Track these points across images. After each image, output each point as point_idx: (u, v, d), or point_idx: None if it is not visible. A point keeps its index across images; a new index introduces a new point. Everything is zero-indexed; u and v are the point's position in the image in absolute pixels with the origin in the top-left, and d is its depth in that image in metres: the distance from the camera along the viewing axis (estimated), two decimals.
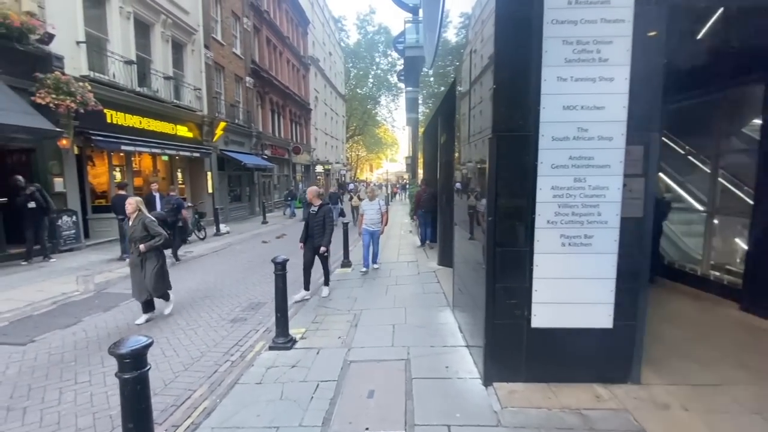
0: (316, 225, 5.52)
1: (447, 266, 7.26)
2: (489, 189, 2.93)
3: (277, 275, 3.92)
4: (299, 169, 28.56)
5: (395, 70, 45.90)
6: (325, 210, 5.55)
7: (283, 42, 24.31)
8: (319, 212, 5.53)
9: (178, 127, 13.02)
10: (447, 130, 7.27)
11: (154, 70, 11.92)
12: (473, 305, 3.66)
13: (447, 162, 7.28)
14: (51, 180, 8.46)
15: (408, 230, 13.59)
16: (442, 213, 7.61)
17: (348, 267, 7.77)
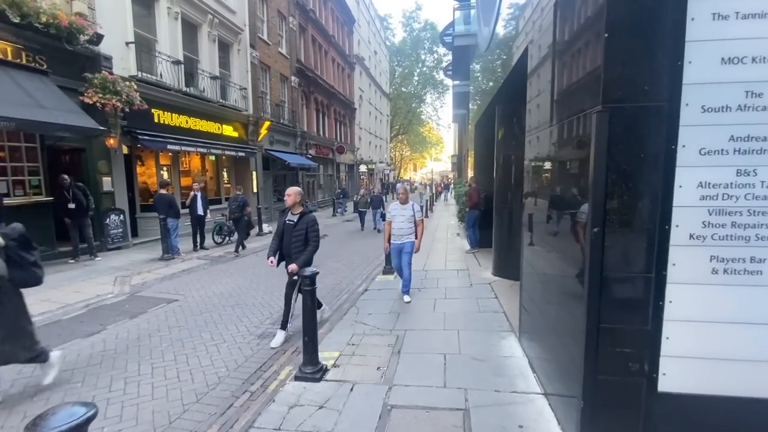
0: (296, 240, 4.04)
1: (505, 277, 6.28)
2: (594, 187, 2.02)
3: (304, 291, 3.25)
4: (343, 169, 28.40)
5: (441, 66, 44.72)
6: (309, 220, 4.09)
7: (329, 41, 24.17)
8: (300, 223, 4.06)
9: (224, 126, 13.04)
10: (507, 121, 6.29)
11: (200, 69, 11.97)
12: (556, 340, 2.75)
13: (506, 157, 6.30)
14: (99, 179, 8.57)
15: (455, 233, 12.60)
16: (499, 215, 6.62)
17: (390, 274, 7.02)
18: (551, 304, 2.90)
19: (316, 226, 4.14)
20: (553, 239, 2.80)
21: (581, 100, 2.26)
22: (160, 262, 7.96)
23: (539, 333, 3.29)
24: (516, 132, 6.08)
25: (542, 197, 3.14)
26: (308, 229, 4.07)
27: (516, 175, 6.18)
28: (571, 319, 2.42)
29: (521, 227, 6.26)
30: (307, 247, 4.06)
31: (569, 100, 2.50)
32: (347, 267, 8.00)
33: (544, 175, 3.14)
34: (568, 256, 2.46)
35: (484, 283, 6.17)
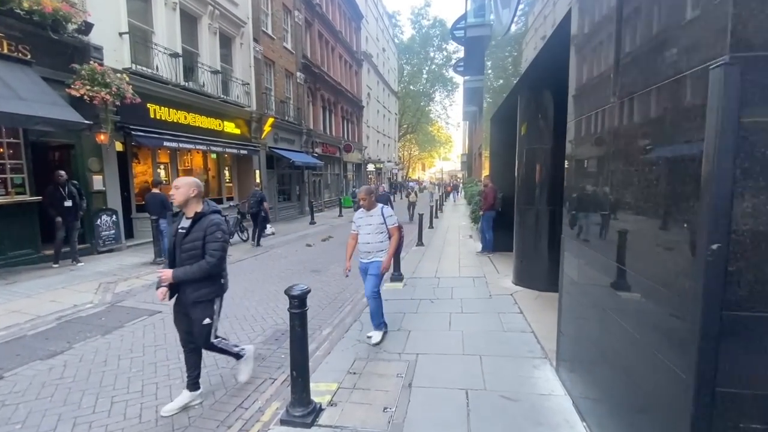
0: (189, 257, 2.69)
1: (528, 287, 5.58)
2: (712, 181, 1.33)
3: (292, 314, 2.60)
4: (350, 168, 27.81)
5: (450, 64, 43.93)
6: (207, 225, 2.70)
7: (336, 37, 23.58)
8: (195, 230, 2.70)
9: (226, 123, 12.51)
10: (532, 111, 5.59)
11: (200, 63, 11.45)
12: (618, 379, 2.06)
13: (531, 152, 5.60)
14: (90, 177, 8.06)
15: (467, 234, 11.89)
16: (522, 217, 5.91)
17: (399, 281, 6.37)
18: (613, 335, 2.21)
19: (220, 234, 2.72)
20: (623, 253, 2.11)
21: (681, 56, 1.56)
22: (153, 267, 7.40)
23: (587, 364, 2.60)
24: (543, 123, 5.38)
25: (601, 195, 2.44)
26: (206, 238, 2.67)
27: (544, 171, 5.47)
28: (651, 364, 1.73)
29: (550, 230, 5.58)
30: (206, 265, 2.65)
31: (654, 60, 1.80)
32: (351, 273, 7.34)
33: (607, 166, 2.45)
34: (655, 278, 1.76)
35: (505, 294, 5.46)
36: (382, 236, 4.02)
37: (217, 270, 2.78)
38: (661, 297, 1.68)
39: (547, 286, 5.47)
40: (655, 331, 1.77)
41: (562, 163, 5.42)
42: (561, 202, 5.45)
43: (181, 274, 2.66)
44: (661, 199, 1.69)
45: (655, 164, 1.75)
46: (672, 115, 1.61)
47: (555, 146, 5.35)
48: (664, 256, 1.67)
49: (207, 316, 2.82)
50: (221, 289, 2.92)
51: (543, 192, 5.50)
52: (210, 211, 2.82)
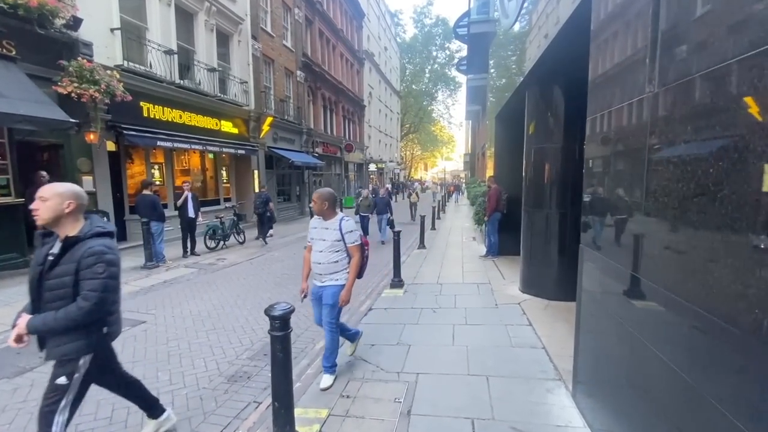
0: (54, 297, 1.93)
1: (536, 295, 5.23)
2: None
3: (273, 338, 2.29)
4: (352, 168, 27.50)
5: (453, 63, 43.54)
6: (87, 253, 1.91)
7: (337, 35, 23.28)
8: (65, 260, 1.93)
9: (223, 122, 12.22)
10: (542, 106, 5.24)
11: (197, 61, 11.16)
12: (655, 417, 1.72)
13: (540, 151, 5.25)
14: (79, 178, 7.77)
15: (471, 236, 11.55)
16: (530, 219, 5.56)
17: (399, 288, 6.04)
18: (642, 360, 1.87)
19: (102, 267, 1.91)
20: (661, 270, 1.76)
21: (755, 27, 1.22)
22: (142, 271, 7.12)
23: (610, 389, 2.26)
24: (553, 120, 5.03)
25: (631, 200, 2.10)
26: (81, 273, 1.90)
27: (554, 171, 5.12)
28: (689, 399, 1.39)
29: (560, 235, 5.22)
30: (79, 310, 1.88)
31: (714, 36, 1.45)
32: None
33: (639, 166, 2.11)
34: (706, 304, 1.42)
35: (513, 303, 5.12)
36: (338, 255, 3.12)
37: (94, 318, 1.94)
38: (713, 326, 1.35)
39: (557, 294, 5.13)
40: (696, 362, 1.44)
41: (574, 163, 5.11)
42: (572, 205, 5.12)
43: (39, 323, 1.88)
44: (720, 206, 1.35)
45: (713, 164, 1.40)
46: (737, 103, 1.27)
47: (566, 145, 5.00)
48: (720, 278, 1.33)
49: (64, 375, 1.97)
50: (98, 343, 2.05)
51: (553, 194, 5.15)
52: (90, 235, 1.95)
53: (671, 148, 1.70)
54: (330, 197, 3.15)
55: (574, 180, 5.02)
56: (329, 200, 3.13)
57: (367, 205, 10.64)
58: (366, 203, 10.70)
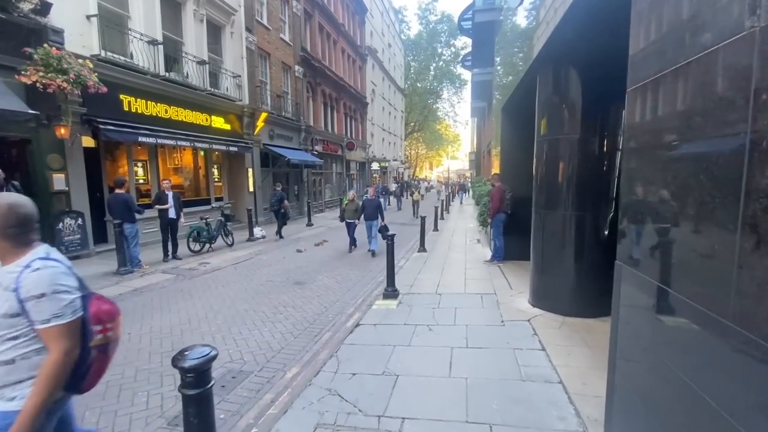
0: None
1: (549, 310, 4.52)
2: None
3: (186, 399, 1.61)
4: (354, 167, 26.84)
5: (458, 61, 42.69)
6: None
7: (338, 30, 22.61)
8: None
9: (214, 117, 11.61)
10: (554, 94, 4.53)
11: (185, 53, 10.55)
12: None
13: (554, 143, 4.53)
14: (49, 176, 7.20)
15: (475, 238, 10.84)
16: (541, 222, 4.84)
17: (393, 298, 5.36)
18: (707, 418, 1.18)
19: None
20: (738, 300, 1.06)
21: None
22: (114, 278, 6.51)
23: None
24: (568, 107, 4.31)
25: (700, 204, 1.40)
26: None
27: (570, 167, 4.40)
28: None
29: (577, 240, 4.50)
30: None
31: None
32: (341, 284, 6.37)
33: (743, 142, 1.40)
34: None
35: (521, 320, 4.41)
36: (16, 348, 1.42)
37: None
38: None
39: (573, 309, 4.42)
40: None
41: (594, 157, 4.38)
42: (593, 206, 4.40)
43: None
44: None
45: None
46: None
47: (584, 136, 4.29)
48: None
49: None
50: None
51: (569, 193, 4.43)
52: None
53: None
54: (11, 215, 1.43)
55: (593, 177, 4.31)
56: (10, 223, 1.43)
57: (353, 209, 9.05)
58: (352, 207, 9.08)
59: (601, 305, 4.44)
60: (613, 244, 4.43)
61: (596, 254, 4.38)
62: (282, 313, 5.06)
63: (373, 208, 8.87)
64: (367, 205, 8.90)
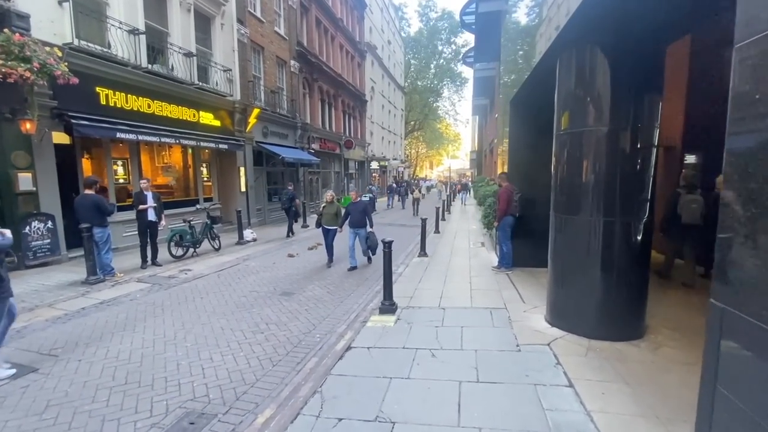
0: None
1: (573, 331, 3.88)
2: None
3: None
4: (353, 166, 26.18)
5: (459, 59, 42.04)
6: None
7: (336, 24, 21.95)
8: None
9: (202, 113, 10.96)
10: (578, 80, 3.89)
11: (170, 44, 9.90)
12: None
13: (577, 137, 3.90)
14: (14, 175, 6.56)
15: (479, 241, 10.20)
16: (562, 229, 4.20)
17: (390, 313, 4.74)
18: None
19: None
20: None
21: None
22: (81, 288, 5.88)
23: None
24: (598, 92, 3.68)
25: None
26: None
27: (600, 163, 3.76)
28: None
29: (605, 251, 3.85)
30: None
31: None
32: (333, 295, 5.73)
33: None
34: None
35: (540, 345, 3.77)
36: None
37: None
38: None
39: (600, 330, 3.79)
40: None
41: (627, 153, 3.72)
42: (623, 211, 3.76)
43: None
44: None
45: None
46: None
47: (614, 129, 3.65)
48: None
49: None
50: None
51: (595, 195, 3.79)
52: None
53: None
54: None
55: (625, 176, 3.67)
56: None
57: (332, 213, 7.47)
58: (331, 211, 7.49)
59: (632, 326, 3.81)
60: (646, 255, 3.80)
61: (627, 266, 3.75)
62: (263, 331, 4.42)
63: (358, 213, 7.22)
64: (352, 210, 7.27)
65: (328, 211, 7.60)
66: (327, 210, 7.63)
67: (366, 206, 7.37)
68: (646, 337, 3.84)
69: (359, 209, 7.27)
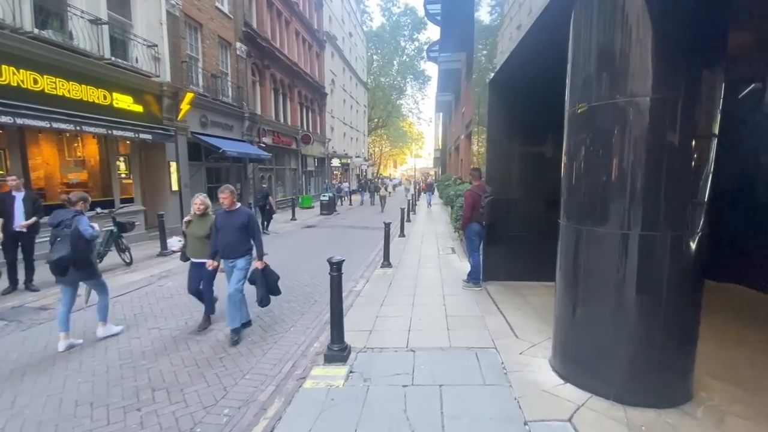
0: None
1: (597, 393, 2.67)
2: None
3: None
4: (312, 163, 24.43)
5: (422, 56, 41.31)
6: None
7: (291, 9, 20.14)
8: None
9: (117, 95, 8.96)
10: (615, 24, 2.67)
11: (70, 6, 7.87)
12: None
13: (604, 111, 2.68)
14: None
15: (449, 247, 9.06)
16: (574, 242, 3.00)
17: (340, 362, 3.38)
18: None
19: None
20: None
21: None
22: None
23: None
24: (644, 44, 2.47)
25: None
26: None
27: (651, 148, 2.58)
28: None
29: (652, 279, 2.40)
30: None
31: None
32: (264, 333, 4.25)
33: None
34: None
35: (558, 422, 2.53)
36: None
37: None
38: None
39: (640, 392, 2.64)
40: None
41: (677, 136, 2.41)
42: (670, 222, 2.44)
43: None
44: None
45: None
46: None
47: (662, 100, 2.49)
48: None
49: None
50: None
51: (632, 198, 2.62)
52: None
53: None
54: None
55: (674, 172, 2.53)
56: None
57: (203, 235, 4.21)
58: (199, 232, 4.22)
59: (680, 384, 2.68)
60: (700, 283, 2.66)
61: (677, 299, 2.62)
62: (142, 407, 2.88)
63: (234, 232, 3.99)
64: (222, 226, 4.03)
65: (195, 232, 4.23)
66: (193, 231, 4.25)
67: (247, 219, 4.02)
68: (697, 397, 2.74)
69: (235, 225, 3.98)
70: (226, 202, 4.04)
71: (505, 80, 5.30)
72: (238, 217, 4.04)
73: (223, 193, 4.03)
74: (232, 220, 4.02)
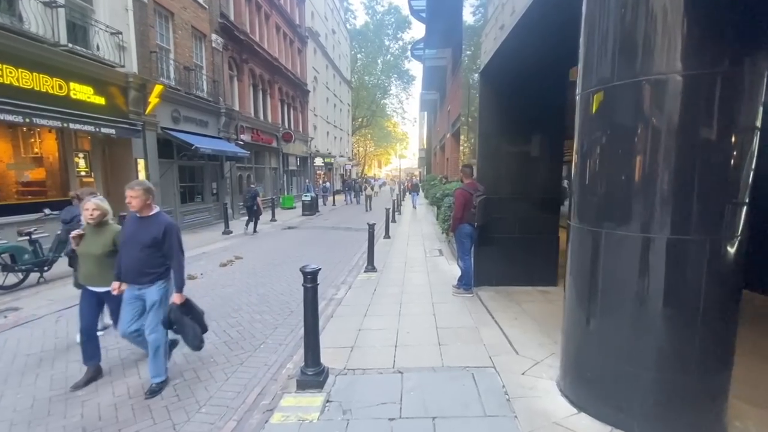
0: None
1: (614, 423, 2.20)
2: None
3: None
4: (294, 162, 23.71)
5: (406, 55, 41.01)
6: None
7: (271, 2, 19.41)
8: None
9: (75, 85, 8.17)
10: None
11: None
12: None
13: (629, 92, 2.23)
14: None
15: (436, 249, 8.64)
16: (588, 246, 2.57)
17: (315, 389, 2.88)
18: None
19: None
20: None
21: None
22: None
23: None
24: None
25: None
26: None
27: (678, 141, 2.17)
28: None
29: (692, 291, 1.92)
30: None
31: None
32: (229, 353, 3.70)
33: None
34: None
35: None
36: None
37: None
38: None
39: (668, 423, 2.22)
40: None
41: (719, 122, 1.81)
42: (703, 225, 1.89)
43: None
44: None
45: None
46: None
47: (702, 74, 2.08)
48: None
49: None
50: None
51: (660, 197, 2.20)
52: None
53: None
54: None
55: (715, 164, 2.12)
56: None
57: (100, 253, 3.07)
58: (95, 250, 3.08)
59: (712, 411, 2.28)
60: (737, 295, 2.26)
61: (713, 315, 2.22)
62: None
63: (140, 248, 2.90)
64: (128, 238, 2.97)
65: (90, 247, 3.11)
66: (88, 246, 3.12)
67: (163, 232, 2.91)
68: (731, 428, 2.35)
69: (143, 238, 2.91)
70: (134, 204, 2.87)
71: (502, 64, 4.85)
72: (151, 227, 2.89)
73: (132, 190, 2.87)
74: (140, 230, 2.90)
